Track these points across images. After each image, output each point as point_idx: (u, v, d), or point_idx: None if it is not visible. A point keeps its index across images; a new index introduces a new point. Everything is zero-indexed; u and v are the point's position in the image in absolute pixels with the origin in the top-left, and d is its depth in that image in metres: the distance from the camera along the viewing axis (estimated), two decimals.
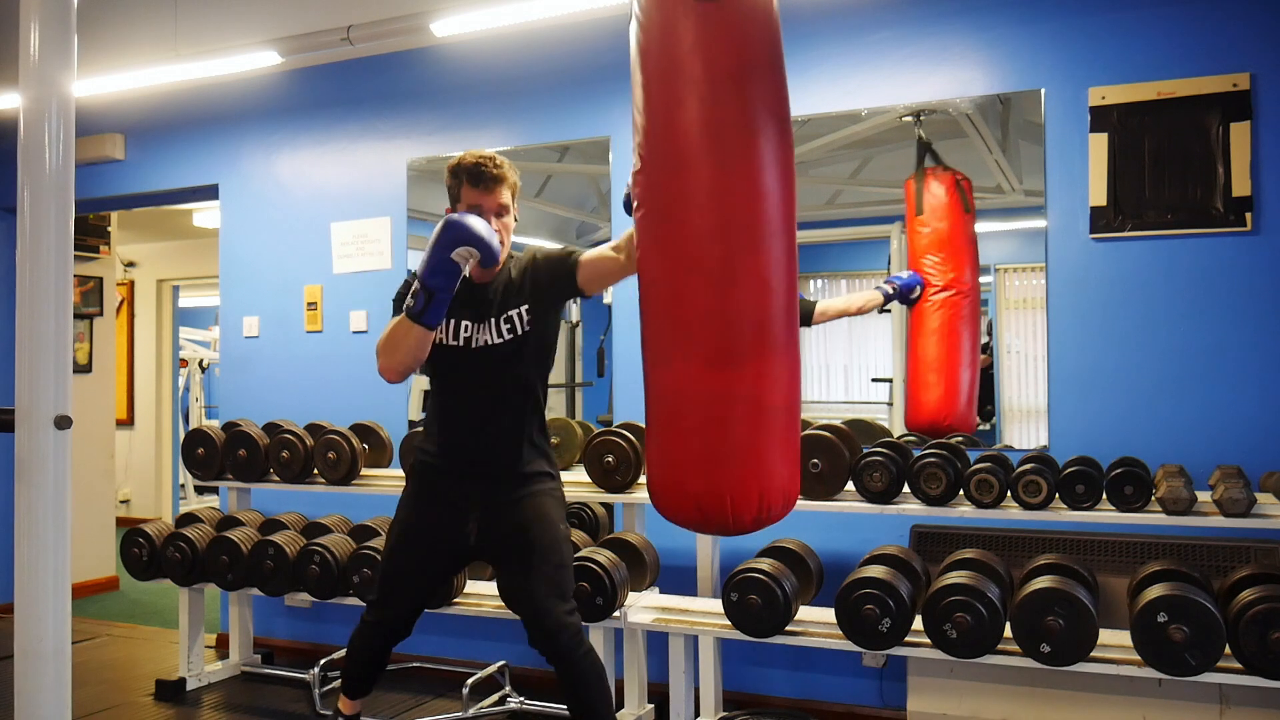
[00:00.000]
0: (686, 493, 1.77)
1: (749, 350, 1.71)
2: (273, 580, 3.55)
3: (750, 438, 1.74)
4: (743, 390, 1.71)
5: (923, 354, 3.59)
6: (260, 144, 4.62)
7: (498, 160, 2.56)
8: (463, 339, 2.58)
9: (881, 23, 3.50)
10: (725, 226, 1.69)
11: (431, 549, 2.67)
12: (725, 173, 1.69)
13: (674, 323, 1.76)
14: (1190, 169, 3.10)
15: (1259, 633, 2.40)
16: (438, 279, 2.31)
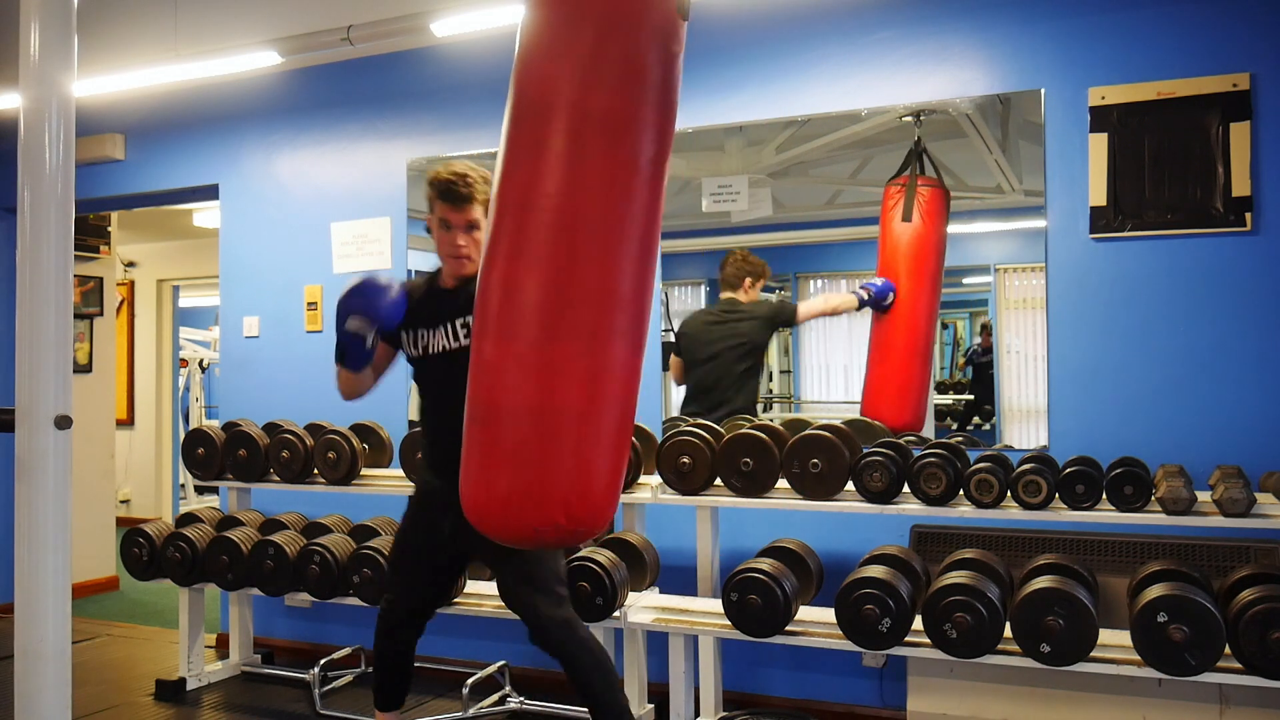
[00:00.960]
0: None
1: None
2: (273, 580, 3.55)
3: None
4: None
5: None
6: (260, 144, 4.62)
7: (470, 178, 2.64)
8: (420, 348, 2.75)
9: (881, 23, 3.50)
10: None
11: (420, 546, 2.82)
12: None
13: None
14: (1190, 169, 3.10)
15: (1259, 633, 2.40)
16: (345, 340, 2.61)
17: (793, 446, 3.02)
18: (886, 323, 3.64)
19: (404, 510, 2.88)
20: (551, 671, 3.91)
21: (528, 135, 1.66)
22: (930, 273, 3.58)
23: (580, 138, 1.61)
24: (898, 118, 3.52)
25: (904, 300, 3.59)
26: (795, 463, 3.01)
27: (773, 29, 3.64)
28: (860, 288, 3.72)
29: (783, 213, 3.86)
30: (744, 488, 3.08)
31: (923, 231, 3.53)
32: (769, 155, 3.78)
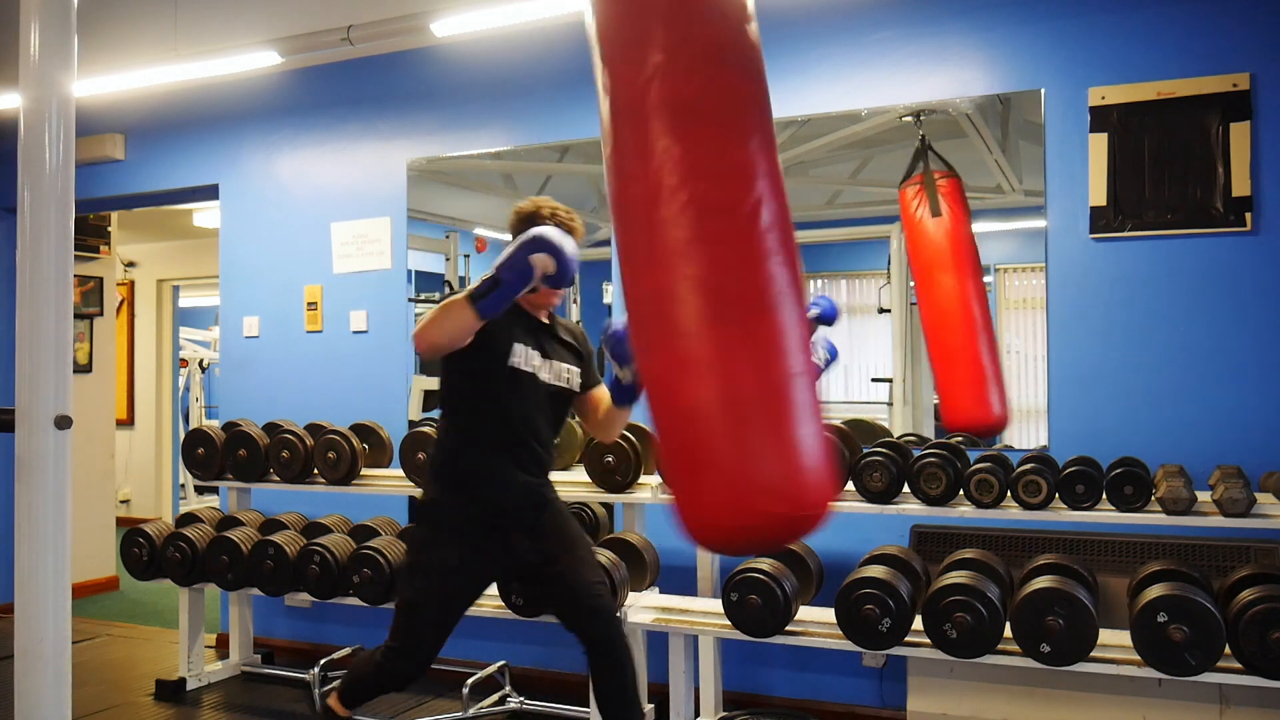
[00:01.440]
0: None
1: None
2: (273, 580, 3.54)
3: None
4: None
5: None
6: (260, 144, 4.62)
7: (571, 213, 2.70)
8: (533, 367, 2.67)
9: (881, 23, 3.50)
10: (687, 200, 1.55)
11: (478, 577, 2.72)
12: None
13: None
14: (1190, 169, 3.10)
15: (1259, 633, 2.40)
16: (509, 273, 2.36)
17: None
18: (943, 323, 3.53)
19: (424, 548, 2.68)
20: (551, 671, 3.92)
21: (631, 139, 1.60)
22: (974, 261, 3.50)
23: (682, 128, 1.56)
24: (898, 118, 3.52)
25: (959, 293, 3.49)
26: None
27: (773, 29, 3.64)
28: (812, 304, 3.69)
29: None
30: None
31: (955, 222, 3.48)
32: None
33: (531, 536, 2.71)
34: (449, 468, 2.68)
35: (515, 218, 2.71)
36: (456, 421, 2.71)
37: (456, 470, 2.67)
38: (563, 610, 2.72)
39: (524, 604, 3.14)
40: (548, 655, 3.95)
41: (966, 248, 3.49)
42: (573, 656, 3.81)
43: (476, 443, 2.67)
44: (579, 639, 2.68)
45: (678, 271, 1.53)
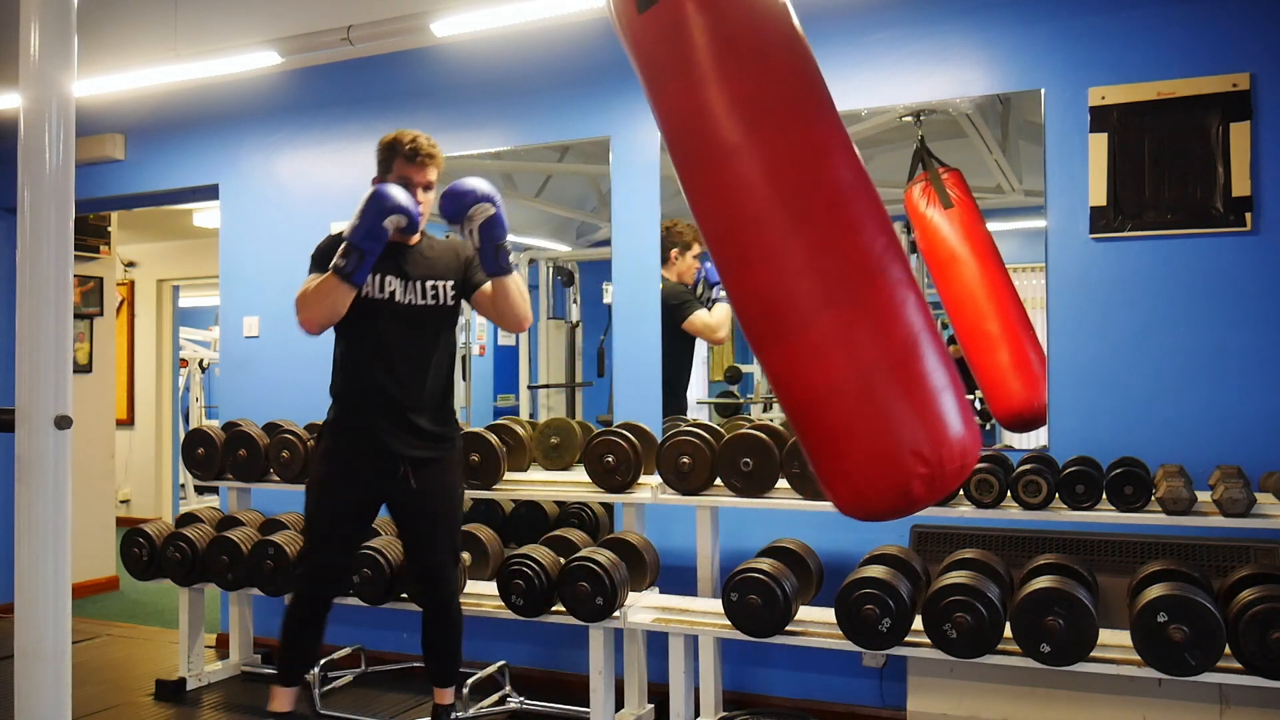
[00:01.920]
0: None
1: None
2: (273, 580, 3.55)
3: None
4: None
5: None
6: (260, 144, 4.62)
7: (432, 141, 2.88)
8: (388, 293, 2.83)
9: (881, 23, 3.50)
10: (804, 212, 1.58)
11: (354, 496, 2.87)
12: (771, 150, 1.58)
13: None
14: (1190, 169, 3.10)
15: (1259, 633, 2.40)
16: (369, 243, 2.63)
17: (793, 446, 3.02)
18: (977, 311, 3.42)
19: (320, 464, 2.89)
20: (551, 671, 3.92)
21: (704, 169, 1.62)
22: (992, 247, 3.43)
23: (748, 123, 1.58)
24: (898, 118, 3.52)
25: (986, 281, 3.41)
26: (795, 463, 3.01)
27: None
28: (719, 290, 3.79)
29: None
30: (744, 488, 3.08)
31: (967, 212, 3.44)
32: None
33: (413, 471, 2.85)
34: (335, 391, 2.91)
35: (378, 148, 2.90)
36: (338, 350, 2.92)
37: (342, 392, 2.90)
38: (415, 574, 3.03)
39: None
40: (548, 655, 3.95)
41: (984, 235, 3.44)
42: (573, 656, 3.81)
43: (351, 368, 2.88)
44: (418, 600, 2.99)
45: (777, 264, 1.56)
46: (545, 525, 3.85)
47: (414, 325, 2.87)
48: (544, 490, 3.58)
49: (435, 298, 2.89)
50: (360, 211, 2.64)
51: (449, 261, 2.94)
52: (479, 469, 3.42)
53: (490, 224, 2.71)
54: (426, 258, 2.91)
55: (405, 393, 2.84)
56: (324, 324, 2.73)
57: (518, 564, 3.18)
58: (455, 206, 2.68)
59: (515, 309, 2.86)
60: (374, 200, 2.64)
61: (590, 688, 3.22)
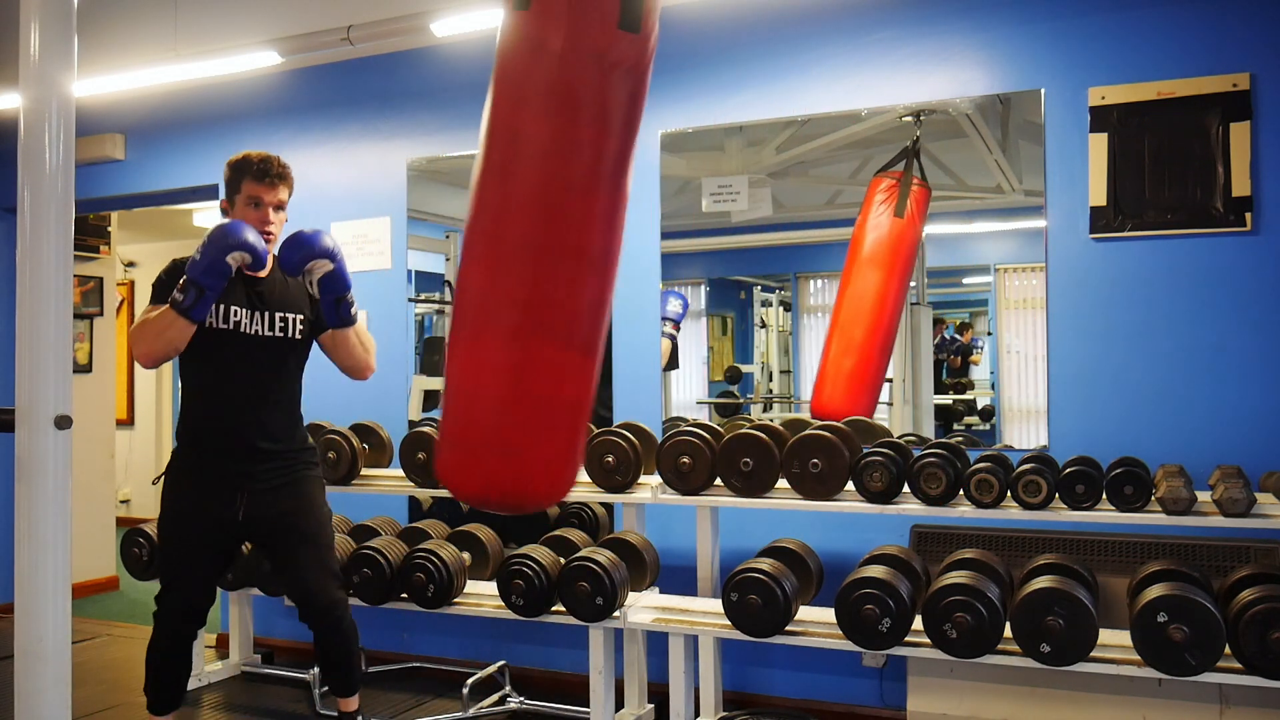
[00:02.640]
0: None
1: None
2: (273, 580, 3.54)
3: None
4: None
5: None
6: (260, 144, 4.59)
7: (281, 160, 2.88)
8: (232, 323, 2.74)
9: (881, 23, 3.50)
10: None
11: (204, 531, 2.78)
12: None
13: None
14: (1190, 169, 3.10)
15: (1259, 633, 2.40)
16: (209, 279, 2.54)
17: (793, 446, 3.02)
18: (851, 317, 3.61)
19: (168, 497, 2.80)
20: (551, 671, 3.92)
21: (483, 150, 1.70)
22: (907, 270, 3.58)
23: (515, 158, 1.65)
24: (898, 118, 3.52)
25: (880, 297, 3.55)
26: (795, 463, 3.01)
27: (773, 29, 3.64)
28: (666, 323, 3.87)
29: (783, 213, 3.86)
30: (744, 488, 3.08)
31: (911, 229, 3.52)
32: (769, 155, 3.78)
33: (260, 500, 2.76)
34: (182, 421, 2.83)
35: (226, 168, 2.86)
36: (185, 380, 2.84)
37: (185, 424, 2.82)
38: (295, 599, 2.85)
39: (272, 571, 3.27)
40: (548, 655, 3.95)
41: (910, 253, 3.58)
42: (573, 656, 3.81)
43: (197, 399, 2.81)
44: (306, 623, 2.84)
45: (475, 277, 1.74)
46: (545, 525, 3.85)
47: (260, 356, 2.78)
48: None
49: (284, 330, 2.81)
50: (202, 246, 2.55)
51: (301, 295, 2.85)
52: None
53: (328, 280, 2.67)
54: (278, 289, 2.83)
55: (249, 423, 2.76)
56: (160, 359, 2.63)
57: (518, 564, 3.19)
58: (292, 259, 2.63)
59: (354, 359, 2.85)
60: (217, 236, 2.55)
61: (590, 688, 3.22)
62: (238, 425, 2.75)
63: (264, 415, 2.78)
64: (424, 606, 3.30)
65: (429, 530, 3.67)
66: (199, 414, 2.79)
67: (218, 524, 2.77)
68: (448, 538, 3.59)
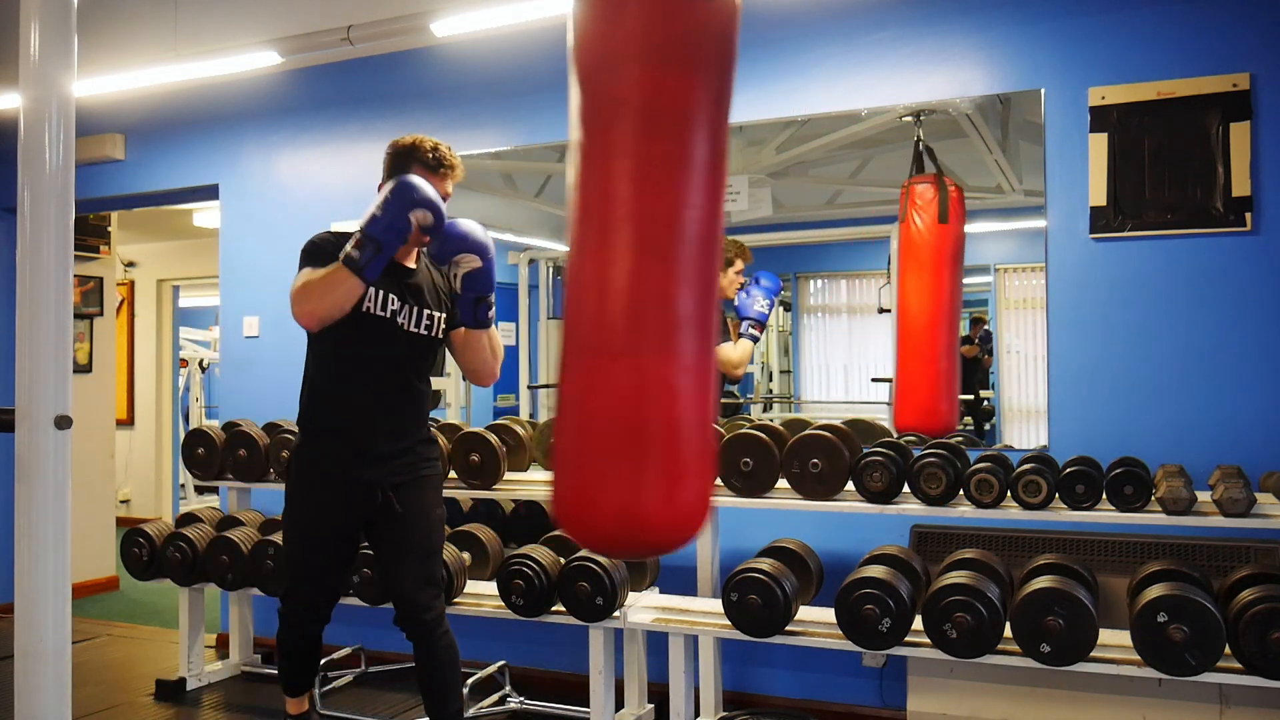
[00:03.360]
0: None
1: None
2: (273, 580, 3.54)
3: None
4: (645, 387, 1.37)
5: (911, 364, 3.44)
6: (260, 144, 4.62)
7: (452, 150, 2.75)
8: (389, 312, 2.60)
9: (881, 23, 3.50)
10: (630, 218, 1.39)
11: (336, 528, 2.70)
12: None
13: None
14: (1190, 169, 3.10)
15: (1259, 633, 2.40)
16: (389, 235, 2.36)
17: (793, 446, 3.02)
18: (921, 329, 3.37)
19: (298, 494, 2.71)
20: (551, 671, 3.92)
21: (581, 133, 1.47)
22: (958, 271, 3.40)
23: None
24: (898, 118, 3.52)
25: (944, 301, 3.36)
26: (795, 463, 3.01)
27: (772, 29, 3.64)
28: (749, 326, 3.60)
29: (783, 213, 3.86)
30: (744, 488, 3.07)
31: (956, 228, 3.37)
32: (769, 155, 3.78)
33: (394, 493, 2.66)
34: (309, 410, 2.70)
35: (391, 152, 2.69)
36: (311, 364, 2.71)
37: (314, 413, 2.69)
38: (392, 601, 2.75)
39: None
40: (548, 655, 3.95)
41: (959, 255, 3.40)
42: (573, 656, 3.81)
43: (329, 386, 2.67)
44: (402, 631, 2.74)
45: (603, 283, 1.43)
46: (545, 525, 3.85)
47: (406, 351, 2.67)
48: (544, 490, 3.58)
49: (429, 328, 2.70)
50: (383, 201, 2.37)
51: (442, 294, 2.77)
52: (479, 469, 3.42)
53: (474, 276, 2.54)
54: (426, 284, 2.73)
55: (385, 418, 2.66)
56: (326, 318, 2.44)
57: (518, 564, 3.19)
58: (444, 249, 2.51)
59: (484, 364, 2.71)
60: (400, 190, 2.37)
61: (590, 688, 3.22)
62: (376, 420, 2.64)
63: (403, 411, 2.68)
64: None
65: None
66: (334, 403, 2.65)
67: (351, 523, 2.69)
68: (448, 538, 3.59)
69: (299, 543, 2.74)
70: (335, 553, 2.73)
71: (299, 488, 2.72)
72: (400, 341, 2.64)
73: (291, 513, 2.74)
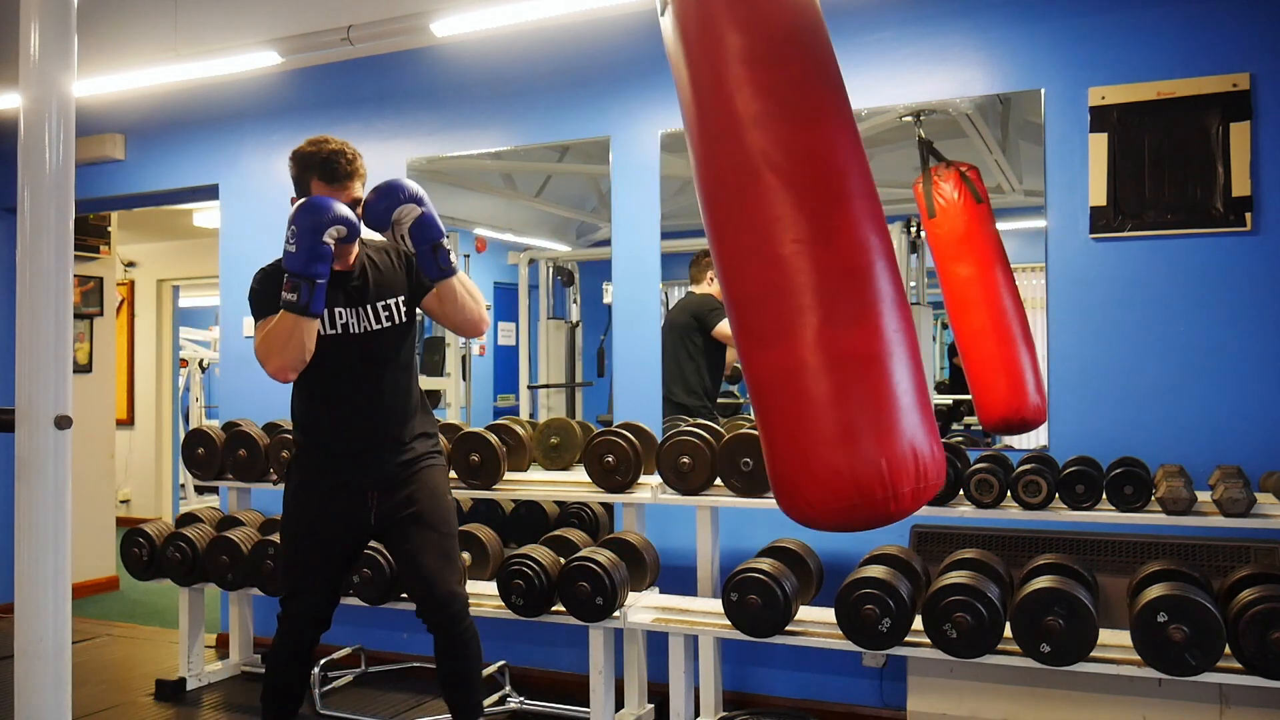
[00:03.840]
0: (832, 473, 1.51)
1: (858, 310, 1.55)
2: (273, 580, 3.54)
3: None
4: (862, 351, 1.52)
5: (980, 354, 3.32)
6: (260, 144, 4.62)
7: (349, 152, 2.55)
8: (339, 327, 2.57)
9: (881, 23, 3.50)
10: (809, 187, 1.61)
11: (334, 536, 2.68)
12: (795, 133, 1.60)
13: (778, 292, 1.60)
14: (1190, 169, 3.10)
15: (1259, 633, 2.40)
16: (315, 266, 2.33)
17: None
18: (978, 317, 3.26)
19: (294, 501, 2.69)
20: (551, 671, 3.92)
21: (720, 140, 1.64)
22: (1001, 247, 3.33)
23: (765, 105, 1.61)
24: (898, 118, 3.52)
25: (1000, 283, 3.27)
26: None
27: None
28: None
29: None
30: (744, 488, 3.08)
31: (987, 210, 3.33)
32: None
33: (389, 497, 2.63)
34: (301, 422, 2.71)
35: (295, 161, 2.55)
36: (295, 390, 2.70)
37: (305, 426, 2.70)
38: (413, 592, 2.67)
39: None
40: (548, 655, 3.95)
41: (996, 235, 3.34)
42: (573, 656, 3.81)
43: (315, 405, 2.68)
44: (425, 622, 2.66)
45: (770, 255, 1.62)
46: (545, 525, 3.85)
47: (372, 353, 2.62)
48: (544, 490, 3.58)
49: (390, 317, 2.63)
50: (292, 235, 2.32)
51: (393, 271, 2.67)
52: (479, 469, 3.42)
53: (420, 225, 2.44)
54: (371, 275, 2.63)
55: (373, 423, 2.63)
56: (297, 366, 2.43)
57: (518, 564, 3.19)
58: (377, 210, 2.43)
59: (467, 311, 2.59)
60: (303, 219, 2.32)
61: (590, 688, 3.22)
62: (361, 427, 2.62)
63: (387, 412, 2.64)
64: None
65: None
66: (318, 419, 2.67)
67: (348, 528, 2.66)
68: None
69: (295, 548, 2.72)
70: (329, 557, 2.71)
71: (293, 494, 2.72)
72: (359, 349, 2.60)
73: (286, 518, 2.74)
